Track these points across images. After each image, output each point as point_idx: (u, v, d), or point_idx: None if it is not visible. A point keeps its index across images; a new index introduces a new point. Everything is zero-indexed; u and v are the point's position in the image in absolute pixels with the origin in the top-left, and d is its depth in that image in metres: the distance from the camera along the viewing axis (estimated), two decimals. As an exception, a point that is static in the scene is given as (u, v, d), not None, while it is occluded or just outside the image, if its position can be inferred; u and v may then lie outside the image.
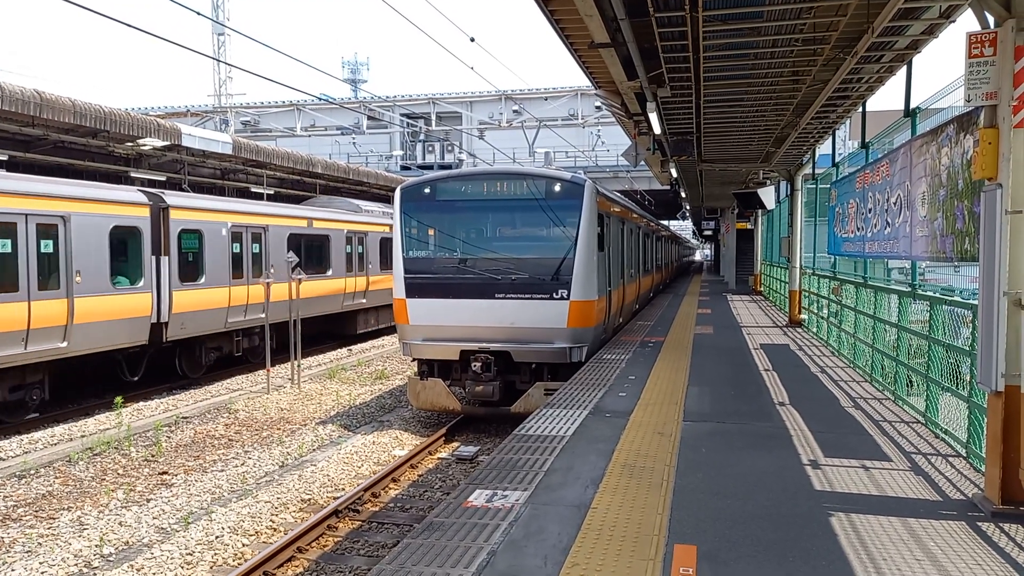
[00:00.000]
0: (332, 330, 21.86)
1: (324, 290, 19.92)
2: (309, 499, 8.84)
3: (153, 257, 14.07)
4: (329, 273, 20.28)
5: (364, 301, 22.13)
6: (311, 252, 19.39)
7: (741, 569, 4.21)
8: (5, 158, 14.86)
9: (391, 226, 23.01)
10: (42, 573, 6.84)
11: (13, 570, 6.86)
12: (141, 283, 13.81)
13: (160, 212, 14.41)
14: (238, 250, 16.48)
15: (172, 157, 19.01)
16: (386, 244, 23.17)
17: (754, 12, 7.80)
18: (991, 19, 5.12)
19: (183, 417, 12.89)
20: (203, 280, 15.33)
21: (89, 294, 12.57)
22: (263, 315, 15.99)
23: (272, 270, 17.16)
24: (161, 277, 14.23)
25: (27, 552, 7.28)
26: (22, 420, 12.23)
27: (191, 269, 15.08)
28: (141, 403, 14.03)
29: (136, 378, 14.43)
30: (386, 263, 23.02)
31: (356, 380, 16.36)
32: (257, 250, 17.11)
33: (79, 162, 16.83)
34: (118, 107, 16.29)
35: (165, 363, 15.47)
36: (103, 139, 16.26)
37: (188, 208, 15.10)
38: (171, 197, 14.77)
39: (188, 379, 15.96)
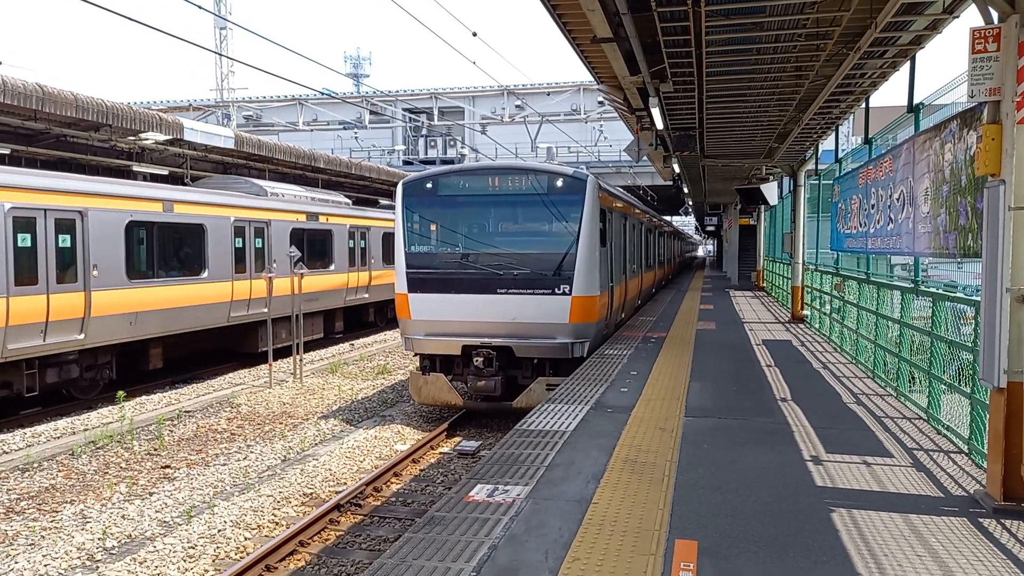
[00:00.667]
0: (225, 346, 17.51)
1: (196, 298, 15.29)
2: (311, 493, 8.86)
3: None
4: (204, 275, 15.51)
5: (265, 311, 16.68)
6: (172, 247, 14.97)
7: (742, 564, 4.22)
8: (7, 152, 14.87)
9: (310, 213, 19.55)
10: (45, 566, 6.87)
11: (16, 563, 6.89)
12: None
13: None
14: (28, 243, 11.67)
15: (174, 151, 19.00)
16: (301, 236, 19.04)
17: (757, 7, 7.78)
18: (995, 14, 5.10)
19: (185, 411, 12.92)
20: None
21: None
22: (80, 336, 12.33)
23: (95, 273, 12.74)
24: None
25: (31, 545, 7.31)
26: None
27: None
28: (143, 397, 14.06)
29: None
30: (302, 261, 17.92)
31: (358, 375, 16.39)
32: (67, 243, 12.35)
33: (82, 156, 16.83)
34: (120, 101, 16.29)
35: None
36: (105, 133, 16.25)
37: None
38: None
39: (191, 373, 15.98)
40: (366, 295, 22.49)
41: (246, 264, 16.85)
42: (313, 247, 19.89)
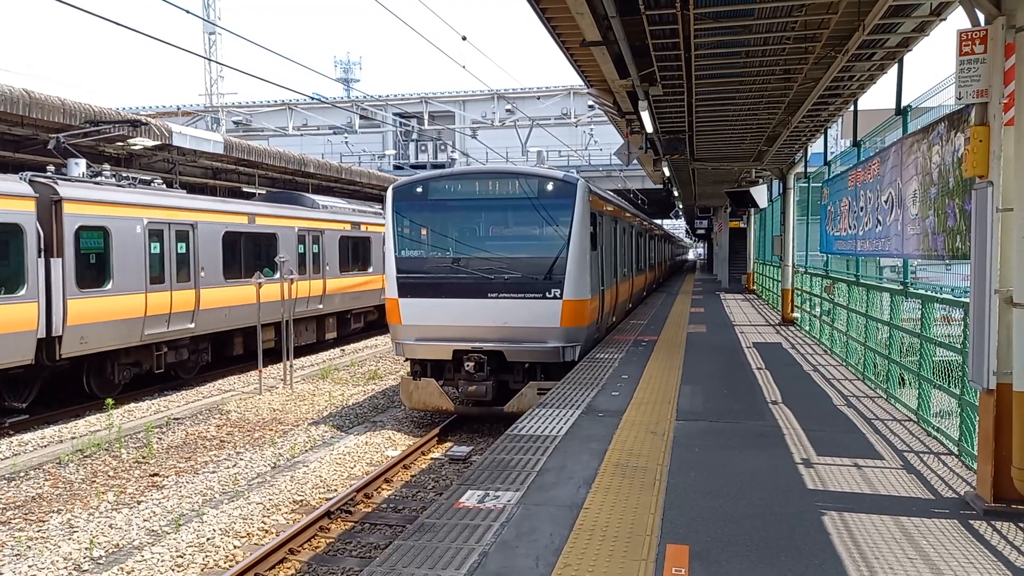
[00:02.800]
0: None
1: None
2: (301, 500, 8.79)
3: None
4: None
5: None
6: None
7: (733, 569, 4.20)
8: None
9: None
10: (31, 576, 6.79)
11: (1, 573, 6.80)
12: None
13: None
14: None
15: (163, 157, 18.92)
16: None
17: (745, 10, 7.78)
18: (982, 17, 5.11)
19: (174, 418, 12.82)
20: None
21: None
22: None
23: None
24: None
25: (16, 555, 7.22)
26: None
27: None
28: (132, 404, 13.95)
29: None
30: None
31: (349, 380, 16.31)
32: None
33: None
34: (108, 106, 16.20)
35: None
36: (94, 139, 16.15)
37: None
38: None
39: (180, 379, 15.87)
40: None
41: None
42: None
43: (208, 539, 7.53)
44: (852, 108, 12.01)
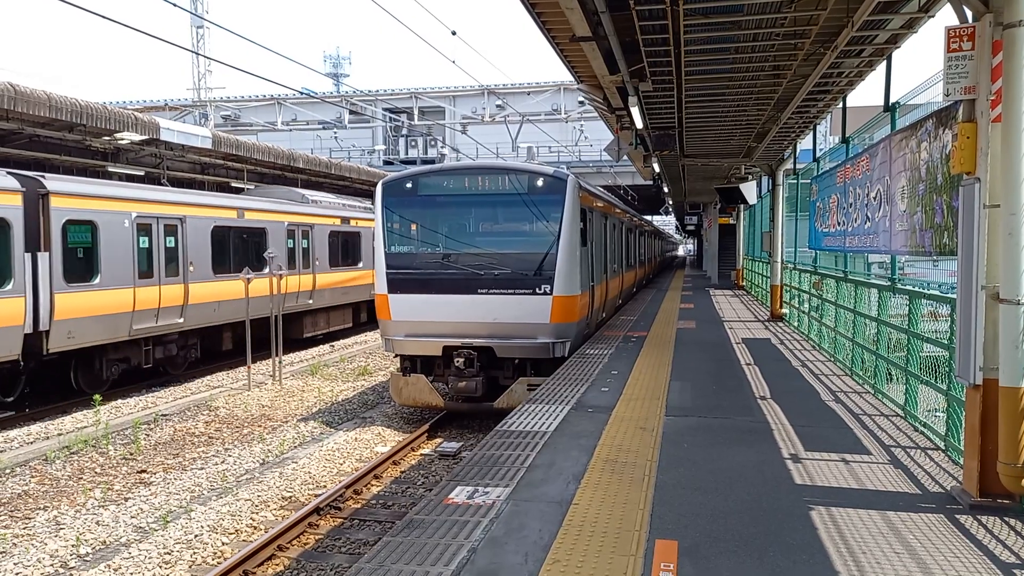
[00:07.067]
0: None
1: None
2: (290, 497, 8.76)
3: None
4: None
5: None
6: None
7: (722, 564, 4.21)
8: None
9: None
10: (17, 574, 6.74)
11: (-13, 571, 6.75)
12: None
13: None
14: None
15: (150, 151, 18.77)
16: None
17: (734, 6, 7.77)
18: (969, 13, 5.13)
19: (162, 415, 12.75)
20: None
21: None
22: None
23: None
24: None
25: (1, 553, 7.16)
26: None
27: None
28: (119, 400, 13.86)
29: None
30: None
31: (338, 376, 16.27)
32: None
33: (56, 156, 16.59)
34: (95, 100, 16.05)
35: None
36: (79, 133, 16.02)
37: None
38: None
39: (169, 376, 15.78)
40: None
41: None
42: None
43: (196, 536, 7.49)
44: (841, 104, 12.05)
